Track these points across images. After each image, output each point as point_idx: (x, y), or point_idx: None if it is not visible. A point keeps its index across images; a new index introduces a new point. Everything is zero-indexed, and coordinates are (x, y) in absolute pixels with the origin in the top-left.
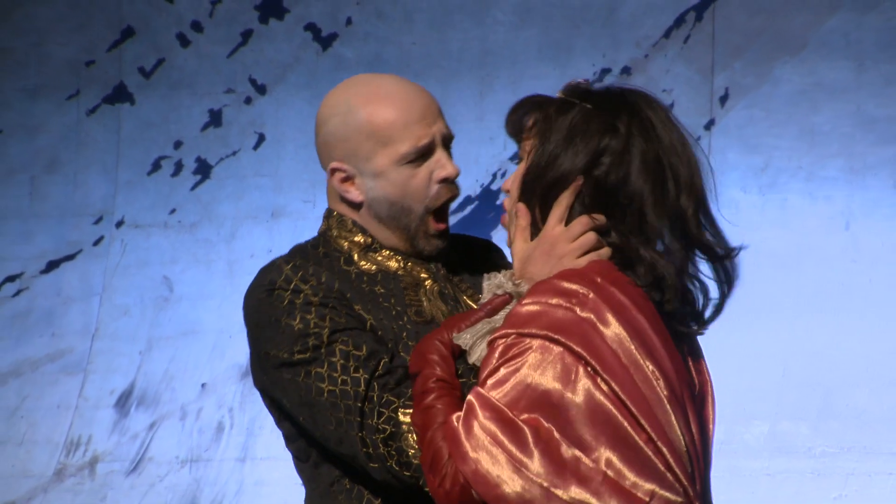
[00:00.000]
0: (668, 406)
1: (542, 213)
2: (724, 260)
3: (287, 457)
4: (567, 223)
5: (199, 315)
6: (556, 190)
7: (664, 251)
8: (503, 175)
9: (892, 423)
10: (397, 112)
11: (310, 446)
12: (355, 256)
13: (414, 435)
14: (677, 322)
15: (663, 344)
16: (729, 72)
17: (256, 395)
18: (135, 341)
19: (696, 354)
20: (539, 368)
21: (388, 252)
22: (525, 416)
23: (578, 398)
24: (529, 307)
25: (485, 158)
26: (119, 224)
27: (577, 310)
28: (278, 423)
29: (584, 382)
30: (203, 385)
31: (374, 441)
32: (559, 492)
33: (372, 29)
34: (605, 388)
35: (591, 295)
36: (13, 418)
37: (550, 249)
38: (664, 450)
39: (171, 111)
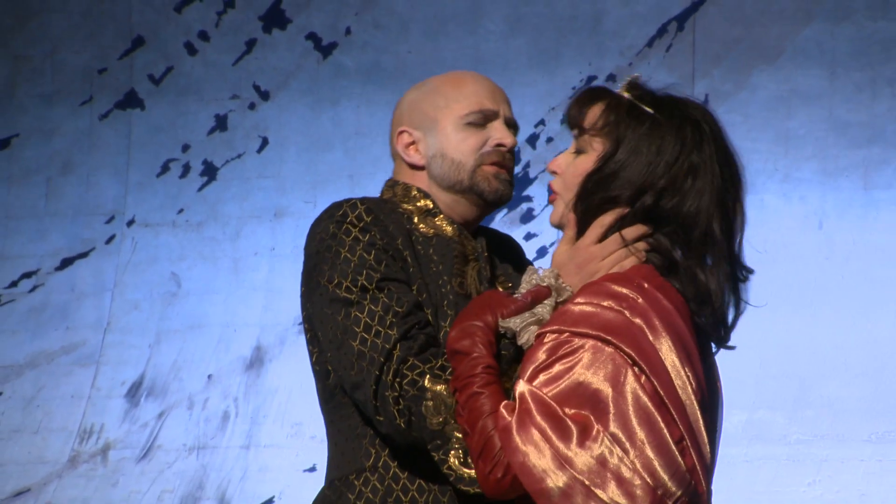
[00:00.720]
0: (698, 412)
1: (592, 218)
2: (742, 282)
3: (288, 444)
4: (608, 235)
5: (206, 309)
6: (612, 204)
7: (709, 267)
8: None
9: (862, 412)
10: (471, 82)
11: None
12: (415, 219)
13: (432, 402)
14: (709, 333)
15: (698, 351)
16: (709, 79)
17: (260, 385)
18: (144, 334)
19: (714, 363)
20: (591, 368)
21: (445, 218)
22: (574, 412)
23: (626, 399)
24: (582, 307)
25: None
26: (130, 223)
27: (627, 313)
28: (315, 362)
29: (631, 384)
30: (209, 376)
31: (386, 398)
32: (599, 491)
33: (370, 38)
34: (649, 389)
35: (640, 300)
36: (29, 407)
37: (584, 264)
38: (692, 452)
39: (179, 116)
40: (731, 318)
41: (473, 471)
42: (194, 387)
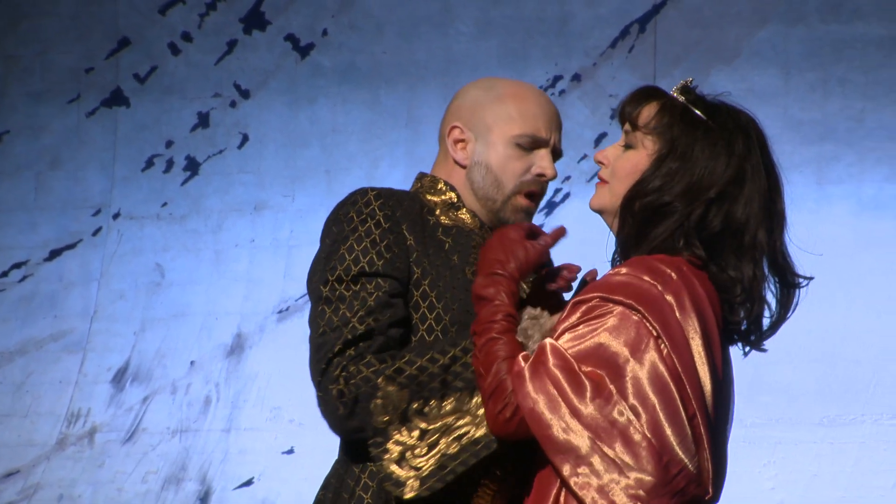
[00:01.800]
0: (712, 398)
1: (642, 220)
2: (794, 287)
3: (267, 427)
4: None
5: (189, 299)
6: (664, 208)
7: (754, 270)
8: None
9: (815, 396)
10: (533, 104)
11: None
12: (437, 210)
13: (381, 401)
14: (741, 333)
15: (721, 343)
16: (669, 79)
17: (240, 371)
18: (130, 322)
19: (730, 360)
20: (615, 332)
21: (467, 211)
22: (590, 370)
23: (644, 366)
24: (621, 277)
25: None
26: (116, 216)
27: (660, 288)
28: None
29: (651, 353)
30: (192, 362)
31: (329, 390)
32: (604, 446)
33: (346, 39)
34: (669, 363)
35: (675, 277)
36: (19, 392)
37: None
38: (703, 432)
39: (163, 114)
40: (770, 322)
41: (403, 471)
42: (177, 372)
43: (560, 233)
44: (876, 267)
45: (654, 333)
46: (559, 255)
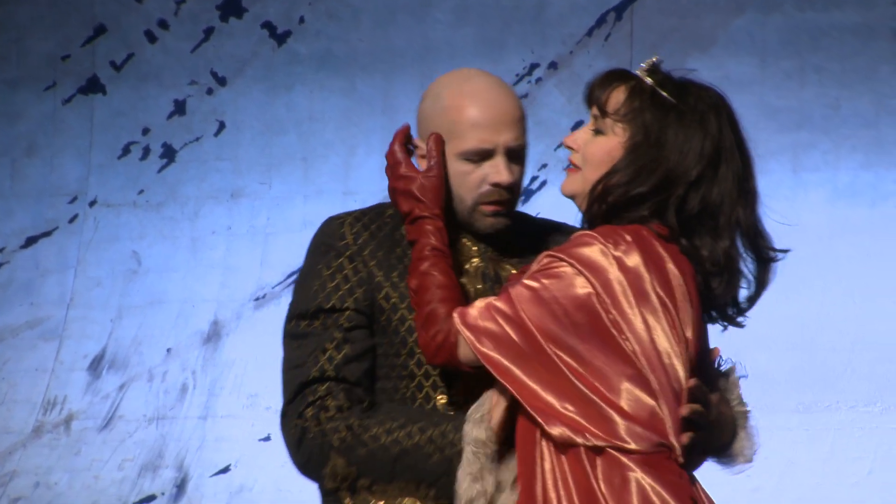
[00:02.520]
0: (675, 362)
1: (611, 208)
2: (770, 261)
3: (244, 414)
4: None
5: (165, 286)
6: (639, 197)
7: (729, 246)
8: None
9: (791, 383)
10: (474, 112)
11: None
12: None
13: (330, 470)
14: (718, 309)
15: (691, 304)
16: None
17: (217, 358)
18: (106, 310)
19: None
20: (557, 286)
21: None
22: (531, 318)
23: (583, 318)
24: (577, 239)
25: None
26: (92, 203)
27: (611, 248)
28: None
29: (592, 307)
30: (168, 350)
31: (290, 433)
32: (546, 394)
33: (323, 27)
34: (610, 317)
35: (630, 239)
36: None
37: None
38: (651, 383)
39: (140, 101)
40: (747, 296)
41: None
42: (154, 360)
43: (402, 131)
44: (851, 254)
45: (595, 292)
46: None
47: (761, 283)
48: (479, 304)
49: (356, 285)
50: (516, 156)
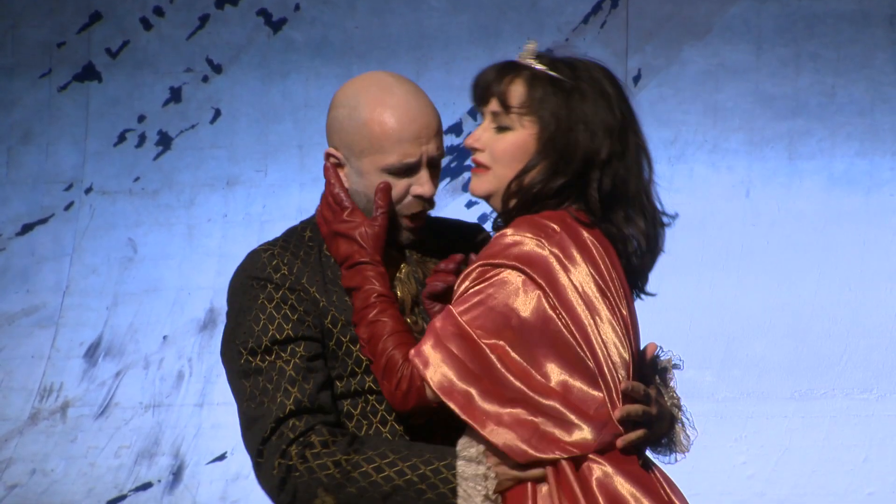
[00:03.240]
0: (616, 344)
1: (530, 201)
2: (664, 227)
3: None
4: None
5: (161, 273)
6: (560, 182)
7: (639, 216)
8: None
9: (786, 370)
10: (395, 125)
11: None
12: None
13: (311, 479)
14: (637, 276)
15: (621, 283)
16: (641, 54)
17: (213, 346)
18: (102, 297)
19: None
20: (502, 293)
21: None
22: (482, 332)
23: (532, 319)
24: (505, 239)
25: None
26: (88, 191)
27: (545, 242)
28: None
29: (539, 306)
30: (164, 337)
31: (271, 474)
32: (503, 392)
33: (318, 14)
34: (557, 311)
35: (559, 230)
36: None
37: None
38: (605, 370)
39: (135, 88)
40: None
41: None
42: (150, 347)
43: (333, 188)
44: (847, 242)
45: (541, 289)
46: None
47: (654, 251)
48: (429, 338)
49: (304, 314)
50: (435, 165)
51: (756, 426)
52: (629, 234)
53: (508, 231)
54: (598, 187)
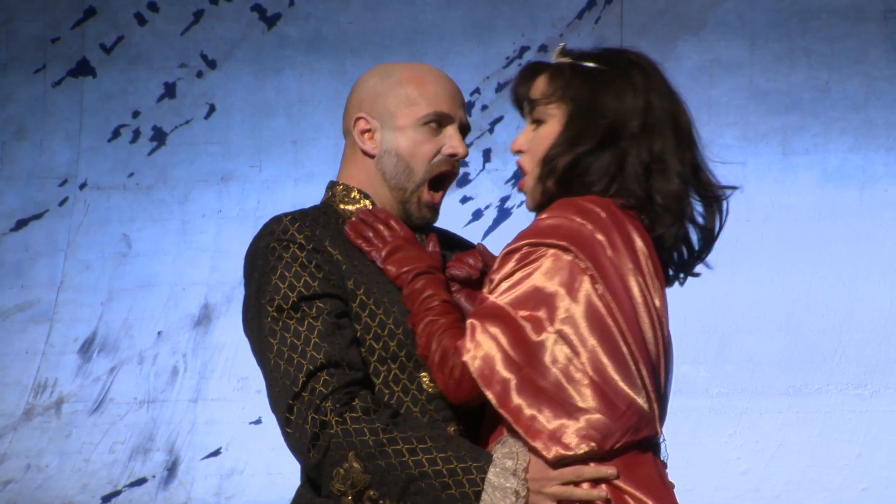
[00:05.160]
0: (653, 333)
1: (563, 177)
2: (718, 200)
3: (234, 397)
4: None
5: (155, 269)
6: (589, 155)
7: (675, 194)
8: None
9: (779, 365)
10: (431, 84)
11: None
12: (353, 219)
13: (344, 472)
14: (674, 264)
15: (656, 275)
16: (630, 47)
17: (208, 341)
18: (96, 293)
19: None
20: (549, 274)
21: None
22: (528, 313)
23: (580, 305)
24: (550, 221)
25: None
26: (82, 186)
27: (591, 227)
28: None
29: (587, 292)
30: (159, 333)
31: (303, 429)
32: (549, 392)
33: (313, 10)
34: (604, 301)
35: (605, 216)
36: None
37: None
38: (641, 366)
39: (130, 84)
40: (702, 244)
41: None
42: (144, 343)
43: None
44: (841, 237)
45: (588, 271)
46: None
47: (713, 226)
48: (472, 324)
49: (329, 273)
50: (464, 134)
51: (750, 422)
52: (662, 205)
53: (553, 212)
54: (637, 162)
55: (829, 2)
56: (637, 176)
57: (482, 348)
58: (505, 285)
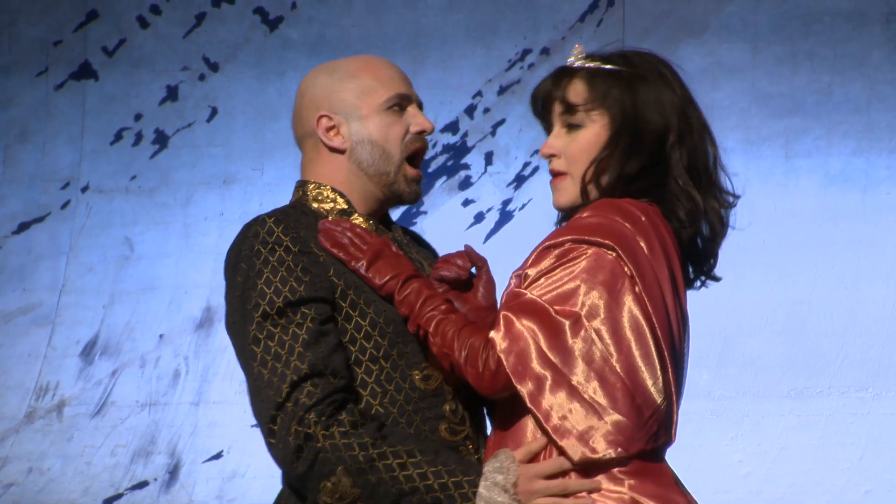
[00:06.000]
0: (678, 339)
1: (610, 188)
2: (730, 207)
3: (236, 400)
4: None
5: (158, 272)
6: (637, 170)
7: (707, 194)
8: (434, 146)
9: (782, 369)
10: (382, 69)
11: None
12: (330, 218)
13: (331, 485)
14: (703, 270)
15: (683, 283)
16: (641, 48)
17: (210, 344)
18: (99, 296)
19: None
20: (591, 272)
21: (359, 216)
22: (566, 310)
23: (621, 306)
24: (593, 219)
25: None
26: (84, 189)
27: (632, 229)
28: None
29: (627, 293)
30: (161, 336)
31: (286, 441)
32: (581, 389)
33: (315, 12)
34: (642, 303)
35: (644, 220)
36: None
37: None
38: (669, 371)
39: (132, 87)
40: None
41: None
42: (146, 346)
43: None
44: (843, 240)
45: (629, 273)
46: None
47: (720, 232)
48: (506, 318)
49: (316, 276)
50: (422, 110)
51: (752, 424)
52: (706, 217)
53: (595, 211)
54: (679, 167)
55: (831, 5)
56: (682, 182)
57: (517, 343)
58: (544, 281)
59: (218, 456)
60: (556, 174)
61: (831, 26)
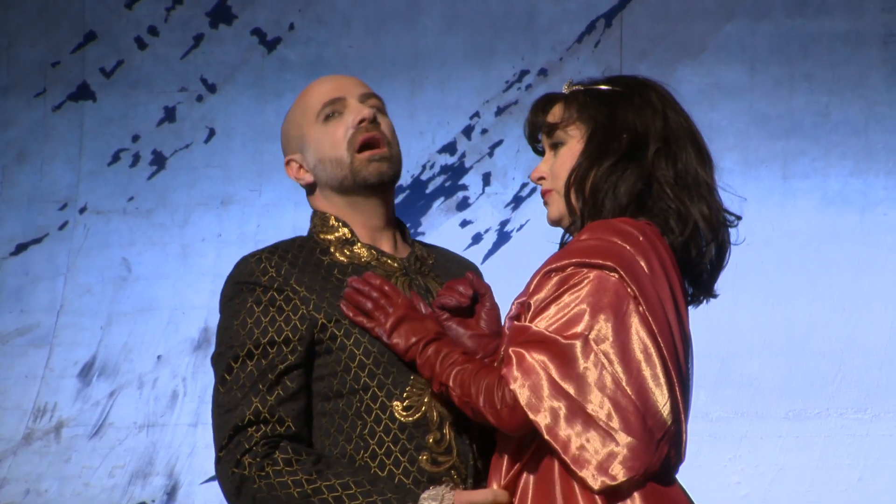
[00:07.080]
0: (682, 357)
1: (593, 194)
2: (728, 226)
3: None
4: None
5: (155, 293)
6: (615, 173)
7: (706, 210)
8: (432, 166)
9: (780, 390)
10: (314, 87)
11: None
12: (332, 248)
13: (270, 495)
14: (699, 285)
15: (684, 301)
16: (635, 73)
17: (208, 365)
18: (96, 317)
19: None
20: (595, 295)
21: (362, 246)
22: (575, 336)
23: (628, 330)
24: (591, 241)
25: (415, 151)
26: (82, 210)
27: (631, 249)
28: None
29: (632, 315)
30: (159, 357)
31: (228, 478)
32: (595, 416)
33: (313, 34)
34: (646, 324)
35: (643, 240)
36: None
37: None
38: (678, 391)
39: (130, 108)
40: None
41: None
42: (144, 367)
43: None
44: (841, 261)
45: (632, 293)
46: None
47: (724, 247)
48: (517, 352)
49: (292, 314)
50: (371, 105)
51: (750, 446)
52: (696, 224)
53: (592, 233)
54: (665, 177)
55: (829, 26)
56: (669, 191)
57: (530, 377)
58: (553, 309)
59: (216, 477)
60: (544, 193)
61: (829, 48)
